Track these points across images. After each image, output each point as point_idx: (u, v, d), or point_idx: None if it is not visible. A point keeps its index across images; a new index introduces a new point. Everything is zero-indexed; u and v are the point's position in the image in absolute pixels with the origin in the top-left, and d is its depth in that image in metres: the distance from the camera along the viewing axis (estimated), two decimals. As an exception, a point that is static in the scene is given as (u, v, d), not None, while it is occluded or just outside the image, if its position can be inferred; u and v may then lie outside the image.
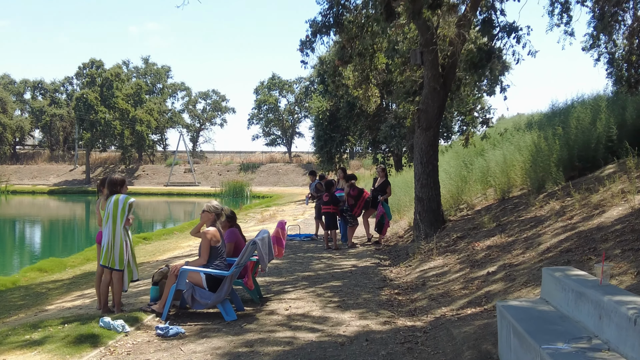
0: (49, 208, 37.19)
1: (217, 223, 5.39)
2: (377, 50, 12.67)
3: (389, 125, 25.03)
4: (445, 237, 8.75)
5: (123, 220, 5.15)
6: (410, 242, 9.55)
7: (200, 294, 5.07)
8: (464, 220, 9.65)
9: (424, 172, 9.33)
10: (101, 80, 51.55)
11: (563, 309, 3.45)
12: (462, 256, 7.24)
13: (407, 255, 8.64)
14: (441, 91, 9.08)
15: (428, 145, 9.29)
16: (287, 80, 58.08)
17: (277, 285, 6.82)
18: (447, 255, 7.58)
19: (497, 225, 8.13)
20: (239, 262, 5.16)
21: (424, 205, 9.32)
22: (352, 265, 8.20)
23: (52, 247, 19.47)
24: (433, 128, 9.26)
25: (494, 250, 6.80)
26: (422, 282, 6.59)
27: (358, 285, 6.68)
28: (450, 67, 9.23)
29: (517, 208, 8.90)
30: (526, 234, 6.97)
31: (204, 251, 5.18)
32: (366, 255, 9.19)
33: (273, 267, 8.06)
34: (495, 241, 7.24)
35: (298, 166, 51.67)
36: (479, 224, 8.73)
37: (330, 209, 10.04)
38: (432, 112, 9.14)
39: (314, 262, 8.58)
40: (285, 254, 9.52)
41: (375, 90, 13.64)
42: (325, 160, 29.48)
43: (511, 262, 6.04)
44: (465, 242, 7.97)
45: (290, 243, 11.03)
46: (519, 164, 10.87)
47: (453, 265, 6.92)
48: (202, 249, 5.21)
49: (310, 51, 11.81)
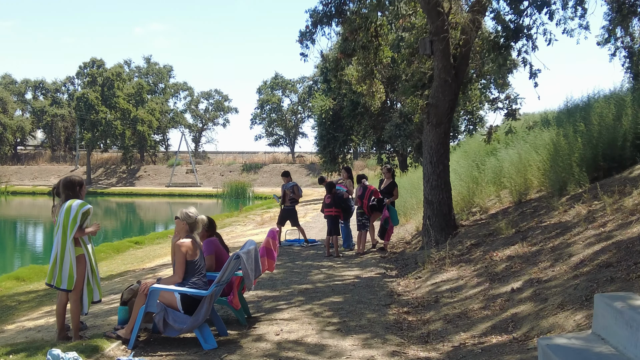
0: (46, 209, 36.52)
1: (195, 233, 4.60)
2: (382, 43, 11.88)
3: (394, 124, 24.21)
4: (457, 245, 7.92)
5: (73, 231, 4.35)
6: (419, 250, 8.73)
7: (174, 318, 4.27)
8: (478, 225, 8.82)
9: (433, 172, 8.51)
10: (102, 79, 50.93)
11: (630, 351, 2.63)
12: (478, 267, 6.42)
13: (416, 264, 7.82)
14: (453, 84, 8.26)
15: (438, 143, 8.47)
16: (290, 79, 57.37)
17: (270, 301, 6.01)
18: (462, 266, 6.75)
19: (517, 231, 7.30)
20: (220, 280, 4.36)
21: (433, 208, 8.50)
22: (354, 276, 7.39)
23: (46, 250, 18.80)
24: (444, 124, 8.44)
25: (515, 262, 5.97)
26: (434, 298, 5.77)
27: (361, 302, 5.87)
28: (463, 58, 8.40)
29: (537, 212, 8.06)
30: (552, 242, 6.13)
31: (179, 267, 4.39)
32: (370, 263, 8.38)
33: (267, 279, 7.26)
34: (516, 251, 6.41)
35: (301, 167, 50.91)
36: (495, 230, 7.90)
37: (333, 212, 9.25)
38: (442, 106, 8.32)
39: (313, 272, 7.77)
40: (283, 262, 8.72)
41: (380, 85, 12.83)
42: (329, 161, 28.70)
43: (539, 276, 5.21)
44: (481, 251, 7.14)
45: (288, 250, 10.23)
46: (535, 163, 10.04)
47: (469, 279, 6.09)
48: (176, 265, 4.42)
49: (310, 43, 11.02)
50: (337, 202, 9.37)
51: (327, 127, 28.47)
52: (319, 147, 29.61)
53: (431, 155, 8.51)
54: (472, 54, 8.37)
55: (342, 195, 9.53)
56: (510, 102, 7.38)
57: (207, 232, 5.24)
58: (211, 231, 5.29)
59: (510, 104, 7.40)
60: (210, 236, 5.27)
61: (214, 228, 5.34)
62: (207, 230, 5.24)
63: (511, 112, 7.41)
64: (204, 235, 5.24)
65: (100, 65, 52.66)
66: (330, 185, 9.54)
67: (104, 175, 54.88)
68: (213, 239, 5.22)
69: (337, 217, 9.27)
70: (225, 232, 15.13)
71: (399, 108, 26.47)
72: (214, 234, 5.31)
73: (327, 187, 9.54)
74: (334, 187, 9.57)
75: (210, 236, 5.27)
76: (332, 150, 28.35)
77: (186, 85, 62.16)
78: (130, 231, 21.92)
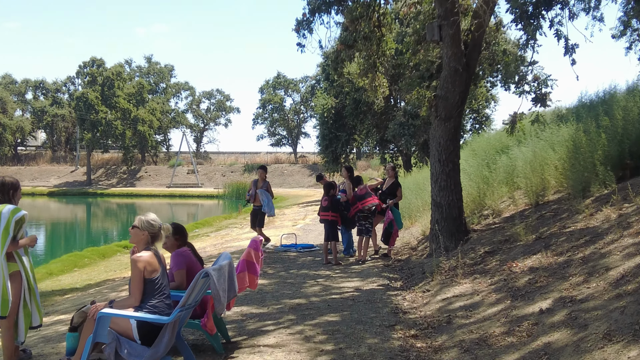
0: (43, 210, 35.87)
1: (157, 245, 3.81)
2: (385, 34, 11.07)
3: (397, 123, 23.41)
4: (469, 252, 7.09)
5: (6, 242, 3.56)
6: (426, 257, 7.90)
7: (129, 350, 3.47)
8: (491, 230, 7.98)
9: (442, 171, 7.69)
10: (102, 79, 50.31)
11: None
12: (496, 280, 5.59)
13: (423, 274, 6.99)
14: (464, 73, 7.43)
15: (447, 139, 7.64)
16: (292, 79, 56.66)
17: (255, 321, 5.20)
18: (476, 278, 5.92)
19: (537, 238, 6.46)
20: (185, 304, 3.55)
21: (442, 212, 7.67)
22: (354, 289, 6.57)
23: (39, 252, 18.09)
24: (454, 118, 7.61)
25: (540, 275, 5.14)
26: (446, 318, 4.94)
27: (361, 322, 5.05)
28: (475, 45, 7.57)
29: (559, 216, 7.21)
30: (582, 252, 5.29)
31: (135, 286, 3.59)
32: (372, 273, 7.55)
33: (256, 291, 6.45)
34: (539, 261, 5.58)
35: (304, 167, 50.16)
36: (511, 236, 7.06)
37: (329, 217, 8.42)
38: (452, 98, 7.50)
39: (307, 283, 6.95)
40: (276, 271, 7.92)
41: (383, 79, 11.97)
42: (331, 161, 27.94)
43: (571, 294, 4.38)
44: (498, 261, 6.31)
45: (283, 256, 9.42)
46: (553, 162, 9.20)
47: (486, 294, 5.27)
48: (132, 284, 3.62)
49: (307, 32, 10.22)
50: (335, 205, 8.54)
51: (329, 126, 27.72)
52: (321, 146, 28.86)
53: (439, 153, 7.68)
54: (485, 40, 7.52)
55: (338, 200, 8.68)
56: (540, 85, 6.47)
57: (176, 241, 4.44)
58: (182, 240, 4.49)
59: (539, 86, 6.49)
60: (181, 246, 4.47)
61: (185, 237, 4.53)
62: (177, 239, 4.45)
63: (540, 97, 6.51)
64: (173, 246, 4.45)
65: (100, 65, 52.07)
66: (329, 186, 8.71)
67: (104, 176, 54.33)
68: (184, 251, 4.41)
69: (334, 221, 8.46)
70: (221, 235, 14.36)
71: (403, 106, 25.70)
72: (185, 243, 4.51)
73: (325, 187, 8.70)
74: (332, 188, 8.75)
75: (181, 246, 4.47)
76: (334, 150, 27.60)
77: (187, 84, 61.57)
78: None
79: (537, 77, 6.10)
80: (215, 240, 13.03)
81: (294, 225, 14.63)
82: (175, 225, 4.51)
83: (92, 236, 22.27)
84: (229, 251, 10.28)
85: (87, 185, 50.96)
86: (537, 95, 6.38)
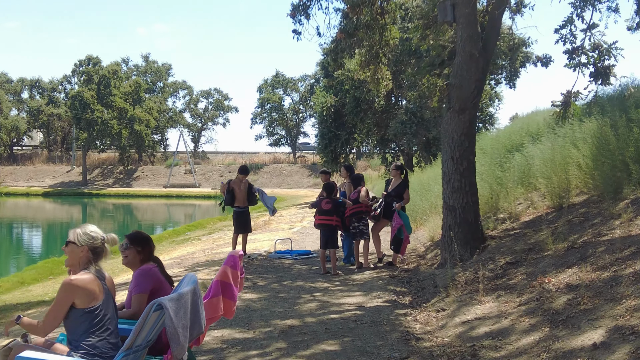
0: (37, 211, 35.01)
1: (98, 264, 2.93)
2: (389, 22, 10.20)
3: (399, 121, 22.56)
4: (488, 263, 6.20)
5: None
6: (438, 267, 7.00)
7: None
8: (511, 237, 7.08)
9: (456, 170, 6.79)
10: (98, 78, 49.40)
11: None
12: (526, 299, 4.69)
13: (436, 287, 6.10)
14: (480, 58, 6.54)
15: (462, 133, 6.75)
16: (291, 77, 55.78)
17: (237, 350, 4.30)
18: (500, 296, 5.03)
19: (569, 247, 5.55)
20: (132, 345, 2.65)
21: (456, 216, 6.78)
22: (356, 305, 5.67)
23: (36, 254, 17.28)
24: (469, 110, 6.72)
25: (582, 294, 4.24)
26: (470, 350, 4.04)
27: (366, 352, 4.15)
28: (493, 26, 6.69)
29: (590, 221, 6.32)
30: (631, 266, 4.40)
31: (51, 315, 2.72)
32: (377, 286, 6.65)
33: (242, 309, 5.56)
34: (577, 276, 4.69)
35: (303, 167, 49.30)
36: (536, 244, 6.17)
37: (333, 221, 7.51)
38: (467, 87, 6.60)
39: (302, 299, 6.05)
40: (268, 282, 7.02)
41: (386, 71, 11.08)
42: (330, 160, 27.08)
43: (630, 323, 3.49)
44: (524, 273, 5.42)
45: (277, 264, 8.52)
46: (575, 160, 8.31)
47: (517, 318, 4.37)
48: (50, 310, 2.73)
49: (304, 18, 9.35)
50: (338, 209, 7.63)
51: (329, 125, 26.89)
52: (320, 145, 28.01)
53: (452, 150, 6.79)
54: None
55: (343, 203, 7.77)
56: (601, 55, 5.49)
57: (139, 255, 3.54)
58: (146, 254, 3.57)
59: (600, 57, 5.51)
60: (145, 261, 3.56)
61: (150, 249, 3.61)
62: (140, 252, 3.54)
63: (601, 71, 5.50)
64: (135, 261, 3.55)
65: (96, 63, 51.16)
66: (332, 187, 7.81)
67: (100, 176, 53.46)
68: (149, 268, 3.50)
69: (336, 227, 7.57)
70: (213, 239, 13.46)
71: (405, 104, 24.85)
72: (150, 257, 3.60)
73: (326, 189, 7.79)
74: (335, 189, 7.86)
75: (145, 261, 3.56)
76: (333, 150, 26.74)
77: (185, 83, 60.71)
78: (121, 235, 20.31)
79: (597, 44, 5.12)
80: (206, 245, 12.14)
81: (290, 228, 13.74)
82: (135, 234, 3.61)
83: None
84: (219, 258, 9.38)
85: (82, 185, 50.09)
86: (597, 68, 5.31)
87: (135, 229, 3.73)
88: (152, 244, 3.64)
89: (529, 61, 24.72)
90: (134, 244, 3.52)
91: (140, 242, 3.55)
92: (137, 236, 3.59)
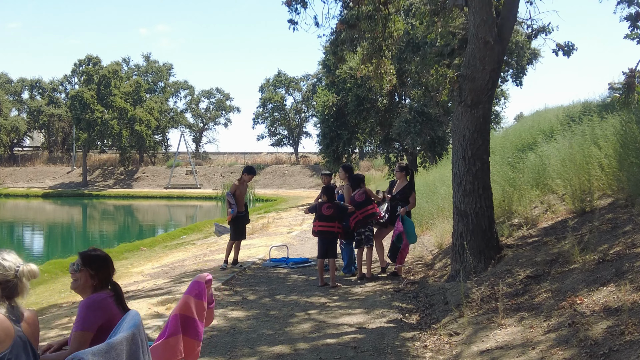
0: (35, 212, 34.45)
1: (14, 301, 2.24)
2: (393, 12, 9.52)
3: (403, 120, 21.86)
4: (506, 276, 5.49)
5: None
6: (448, 280, 6.29)
7: None
8: (530, 245, 6.36)
9: (468, 171, 6.09)
10: (98, 77, 48.85)
11: None
12: (556, 324, 3.98)
13: (447, 304, 5.40)
14: (496, 46, 5.83)
15: (474, 130, 6.04)
16: (293, 77, 55.11)
17: (213, 388, 3.62)
18: (524, 318, 4.32)
19: (601, 260, 4.84)
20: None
21: (468, 222, 6.07)
22: (357, 327, 4.97)
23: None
24: (483, 104, 6.01)
25: (626, 322, 3.52)
26: (493, 390, 3.34)
27: (366, 392, 3.46)
28: (510, 10, 5.97)
29: (620, 228, 5.59)
30: (682, 286, 3.70)
31: None
32: (379, 302, 5.94)
33: (226, 331, 4.87)
34: (614, 296, 3.98)
35: (305, 167, 48.64)
36: (560, 255, 5.45)
37: (335, 228, 6.80)
38: (481, 79, 5.90)
39: (296, 317, 5.36)
40: (260, 295, 6.34)
41: (389, 66, 10.38)
42: (332, 161, 26.39)
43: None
44: (550, 291, 4.70)
45: (271, 274, 7.83)
46: (597, 160, 7.59)
47: (547, 349, 3.66)
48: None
49: (301, 7, 8.66)
50: (342, 214, 6.92)
51: (330, 124, 26.20)
52: (322, 145, 27.33)
53: (464, 148, 6.08)
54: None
55: (346, 208, 7.04)
56: None
57: (92, 280, 2.81)
58: (102, 279, 2.84)
59: None
60: (99, 288, 2.84)
61: (107, 271, 2.86)
62: (93, 275, 2.81)
63: None
64: (85, 288, 2.81)
65: (96, 63, 50.62)
66: (332, 190, 7.10)
67: (101, 177, 52.95)
68: (101, 298, 2.76)
69: (337, 235, 6.86)
70: (208, 244, 12.78)
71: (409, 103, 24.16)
72: (106, 282, 2.86)
73: (326, 192, 7.07)
74: (334, 192, 7.16)
75: (99, 288, 2.84)
76: (335, 149, 26.05)
77: (187, 83, 60.18)
78: (117, 238, 19.71)
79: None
80: (200, 250, 11.46)
81: (289, 232, 13.04)
82: (90, 253, 2.87)
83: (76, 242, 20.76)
84: (210, 266, 8.69)
85: (82, 186, 49.59)
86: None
87: (92, 246, 3.01)
88: (112, 266, 2.90)
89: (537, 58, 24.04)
90: (87, 266, 2.80)
91: (95, 263, 2.82)
92: (93, 256, 2.85)
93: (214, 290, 6.49)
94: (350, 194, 7.25)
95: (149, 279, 8.20)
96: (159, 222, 30.06)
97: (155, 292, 6.67)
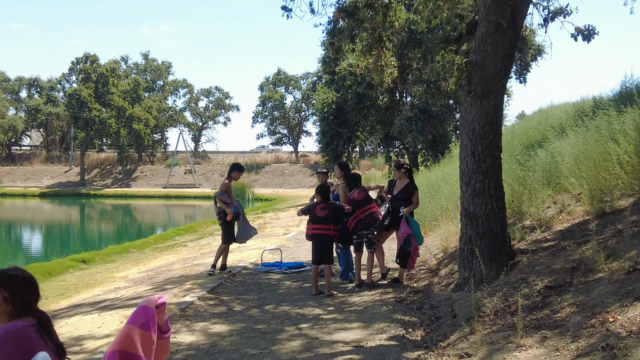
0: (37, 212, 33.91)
1: None
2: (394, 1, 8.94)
3: (404, 118, 21.29)
4: (521, 286, 4.89)
5: None
6: (456, 288, 5.69)
7: None
8: (546, 250, 5.76)
9: (477, 169, 5.49)
10: (96, 76, 48.29)
11: None
12: (586, 347, 3.39)
13: (455, 318, 4.80)
14: (508, 30, 5.23)
15: (485, 123, 5.45)
16: (293, 75, 54.51)
17: None
18: (547, 338, 3.73)
19: (633, 269, 4.24)
20: None
21: (478, 226, 5.47)
22: (353, 345, 4.38)
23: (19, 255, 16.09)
24: (494, 94, 5.42)
25: (674, 346, 2.94)
26: None
27: None
28: (524, -10, 5.38)
29: (649, 232, 5.01)
30: None
31: None
32: (379, 313, 5.35)
33: (205, 351, 4.28)
34: (655, 314, 3.39)
35: (305, 166, 48.07)
36: (582, 262, 4.86)
37: (330, 231, 6.21)
38: (492, 66, 5.30)
39: (285, 333, 4.77)
40: (247, 306, 5.75)
41: (390, 57, 9.78)
42: (331, 159, 25.79)
43: None
44: (573, 304, 4.11)
45: (262, 280, 7.24)
46: (615, 156, 7.00)
47: (579, 379, 3.07)
48: None
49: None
50: (338, 216, 6.33)
51: (330, 123, 25.61)
52: (321, 144, 26.78)
53: (474, 143, 5.48)
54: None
55: (342, 209, 6.44)
56: None
57: (8, 305, 2.20)
58: (22, 305, 2.21)
59: None
60: (18, 316, 2.21)
61: (30, 298, 2.24)
62: (11, 300, 2.21)
63: None
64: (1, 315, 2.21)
65: (94, 61, 50.05)
66: (327, 189, 6.52)
67: (99, 176, 52.43)
68: (20, 328, 2.13)
69: (332, 238, 6.27)
70: (200, 246, 12.19)
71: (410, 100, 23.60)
72: (29, 310, 2.24)
73: (321, 192, 6.47)
74: (330, 192, 6.58)
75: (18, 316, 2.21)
76: (335, 148, 25.48)
77: (186, 82, 59.60)
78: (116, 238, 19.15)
79: None
80: (191, 253, 10.87)
81: (285, 233, 12.45)
82: (8, 272, 2.27)
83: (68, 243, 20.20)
84: (197, 271, 8.11)
85: (80, 185, 49.05)
86: None
87: (12, 264, 2.42)
88: (35, 288, 2.30)
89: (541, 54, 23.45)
90: (2, 287, 2.22)
91: (12, 284, 2.23)
92: (11, 275, 2.26)
93: (197, 299, 5.90)
94: (346, 193, 6.64)
95: (132, 285, 7.62)
96: (156, 222, 29.51)
97: (132, 301, 6.09)
